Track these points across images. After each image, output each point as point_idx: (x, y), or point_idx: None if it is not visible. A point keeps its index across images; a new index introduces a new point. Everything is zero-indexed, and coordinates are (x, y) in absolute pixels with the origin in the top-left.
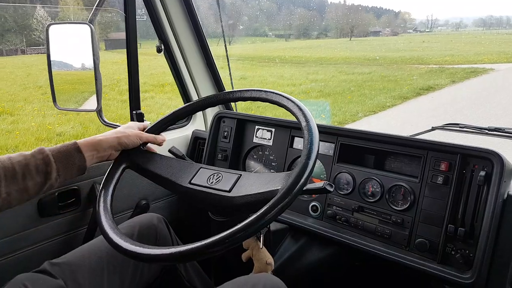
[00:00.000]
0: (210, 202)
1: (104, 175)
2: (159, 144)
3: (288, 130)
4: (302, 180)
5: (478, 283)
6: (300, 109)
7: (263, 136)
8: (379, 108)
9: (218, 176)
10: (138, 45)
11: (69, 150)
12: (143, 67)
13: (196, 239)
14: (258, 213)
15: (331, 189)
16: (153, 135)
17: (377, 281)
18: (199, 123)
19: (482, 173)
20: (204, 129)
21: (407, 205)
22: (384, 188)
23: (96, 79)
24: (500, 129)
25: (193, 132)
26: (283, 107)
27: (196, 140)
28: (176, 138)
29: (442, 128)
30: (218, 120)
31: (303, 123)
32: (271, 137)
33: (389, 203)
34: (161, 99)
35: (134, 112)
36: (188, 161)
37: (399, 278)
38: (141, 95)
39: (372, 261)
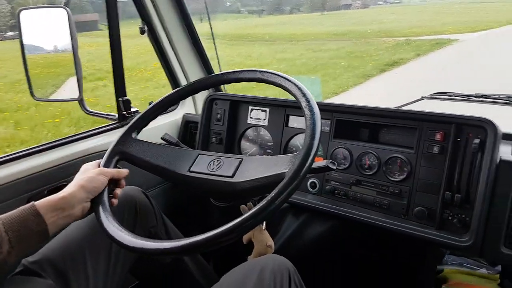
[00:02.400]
0: (212, 188)
1: None
2: (124, 178)
3: (283, 109)
4: (309, 161)
5: (474, 245)
6: (299, 88)
7: (257, 116)
8: (342, 88)
9: (218, 162)
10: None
11: (24, 215)
12: (104, 51)
13: (195, 226)
14: (269, 197)
15: (334, 167)
16: (116, 169)
17: (377, 250)
18: (189, 106)
19: (477, 140)
20: (194, 112)
21: (404, 175)
22: (381, 160)
23: (76, 66)
24: (485, 95)
25: (183, 116)
26: (280, 87)
27: (187, 124)
28: (166, 123)
29: (430, 97)
30: (210, 102)
31: (304, 103)
32: (266, 117)
33: (386, 175)
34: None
35: (120, 99)
36: (184, 148)
37: (398, 246)
38: (92, 84)
39: (371, 232)
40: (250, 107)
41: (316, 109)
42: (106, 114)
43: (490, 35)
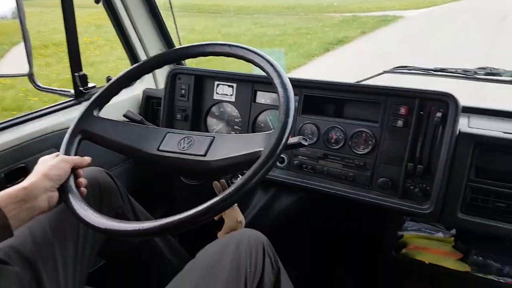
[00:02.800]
0: (183, 167)
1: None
2: (86, 166)
3: (251, 84)
4: (284, 139)
5: (434, 212)
6: (271, 64)
7: (224, 92)
8: (286, 70)
9: (189, 140)
10: None
11: None
12: (33, 22)
13: (161, 204)
14: (247, 175)
15: (306, 143)
16: (77, 157)
17: (343, 222)
18: (148, 81)
19: (439, 114)
20: (155, 87)
21: (369, 148)
22: (347, 135)
23: (24, 38)
24: (444, 69)
25: (144, 92)
26: (250, 62)
27: (148, 100)
28: (126, 99)
29: (391, 71)
30: (173, 77)
31: (276, 79)
32: (233, 93)
33: (351, 148)
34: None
35: (76, 74)
36: (150, 125)
37: (362, 217)
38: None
39: (337, 204)
40: (216, 82)
41: (290, 86)
42: (61, 90)
43: (434, 12)
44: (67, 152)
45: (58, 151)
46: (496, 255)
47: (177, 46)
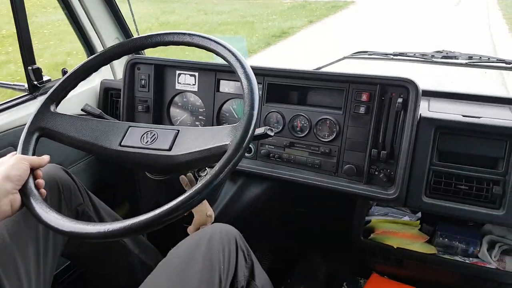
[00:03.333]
0: (147, 162)
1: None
2: (45, 165)
3: (213, 73)
4: (250, 131)
5: (400, 196)
6: (233, 54)
7: (186, 81)
8: None
9: (152, 134)
10: None
11: None
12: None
13: (123, 200)
14: (215, 170)
15: (272, 134)
16: (35, 157)
17: (311, 207)
18: (105, 72)
19: (400, 100)
20: (113, 78)
21: (334, 135)
22: (312, 122)
23: None
24: (402, 53)
25: (101, 83)
26: (212, 51)
27: (107, 91)
28: (83, 92)
29: (351, 56)
30: (131, 67)
31: (239, 70)
32: (195, 82)
33: (317, 136)
34: None
35: (29, 68)
36: (110, 119)
37: (329, 202)
38: None
39: (305, 190)
40: (178, 72)
41: (253, 77)
42: (13, 84)
43: None
44: (24, 151)
45: (15, 149)
46: (461, 236)
47: (135, 35)
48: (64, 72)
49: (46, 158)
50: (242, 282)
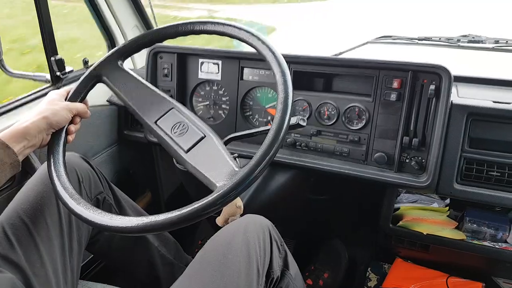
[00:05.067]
0: (169, 151)
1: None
2: (86, 117)
3: (237, 61)
4: (245, 183)
5: (432, 184)
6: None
7: (209, 70)
8: None
9: (184, 127)
10: None
11: None
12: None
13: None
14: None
15: (305, 124)
16: (82, 105)
17: (338, 194)
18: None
19: (432, 87)
20: (133, 67)
21: (363, 123)
22: (340, 110)
23: None
24: (428, 38)
25: None
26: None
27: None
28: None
29: (375, 41)
30: (154, 56)
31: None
32: (218, 71)
33: (345, 124)
34: None
35: (52, 58)
36: (160, 93)
37: (358, 189)
38: None
39: (332, 178)
40: (201, 60)
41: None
42: (35, 75)
43: None
44: (75, 94)
45: None
46: (489, 222)
47: (153, 23)
48: (85, 62)
49: (89, 112)
50: (277, 272)
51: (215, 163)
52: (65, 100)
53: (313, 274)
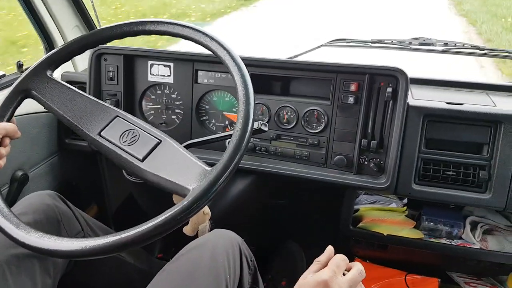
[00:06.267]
0: (119, 163)
1: None
2: (16, 138)
3: (190, 63)
4: (219, 182)
5: (390, 185)
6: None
7: (160, 72)
8: None
9: (134, 135)
10: None
11: None
12: None
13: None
14: (167, 213)
15: (266, 129)
16: (11, 124)
17: (294, 197)
18: (64, 65)
19: (389, 89)
20: (74, 71)
21: (322, 127)
22: (299, 114)
23: None
24: (381, 41)
25: (62, 76)
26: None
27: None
28: None
29: (329, 44)
30: (97, 58)
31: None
32: (170, 73)
33: (304, 127)
34: None
35: None
36: (101, 102)
37: (317, 192)
38: None
39: (290, 182)
40: (150, 62)
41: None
42: None
43: None
44: (3, 111)
45: None
46: (445, 219)
47: (96, 23)
48: (19, 65)
49: (19, 132)
50: None
51: (180, 166)
52: None
53: (271, 283)
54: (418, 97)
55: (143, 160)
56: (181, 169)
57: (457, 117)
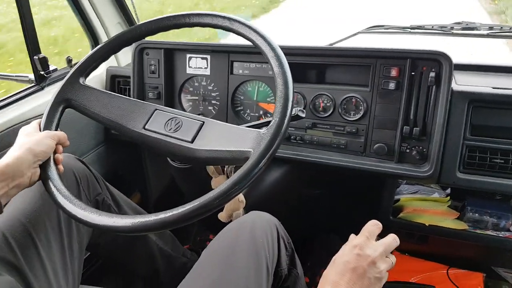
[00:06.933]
0: (169, 150)
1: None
2: (66, 146)
3: (226, 55)
4: (276, 143)
5: (434, 174)
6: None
7: (197, 65)
8: None
9: (177, 122)
10: None
11: None
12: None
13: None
14: (233, 179)
15: (303, 115)
16: (62, 133)
17: (335, 186)
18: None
19: (432, 74)
20: (117, 65)
21: (360, 114)
22: (336, 101)
23: None
24: (420, 26)
25: (107, 70)
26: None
27: (113, 79)
28: (89, 80)
29: (366, 31)
30: (140, 53)
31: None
32: (207, 66)
33: (342, 115)
34: None
35: (35, 57)
36: (135, 100)
37: (356, 181)
38: None
39: (328, 171)
40: (188, 55)
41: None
42: (16, 76)
43: None
44: (49, 122)
45: None
46: (491, 210)
47: (136, 20)
48: (68, 60)
49: (67, 141)
50: (285, 270)
51: (230, 136)
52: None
53: (310, 271)
54: (463, 83)
55: (192, 141)
56: (233, 138)
57: (504, 102)
